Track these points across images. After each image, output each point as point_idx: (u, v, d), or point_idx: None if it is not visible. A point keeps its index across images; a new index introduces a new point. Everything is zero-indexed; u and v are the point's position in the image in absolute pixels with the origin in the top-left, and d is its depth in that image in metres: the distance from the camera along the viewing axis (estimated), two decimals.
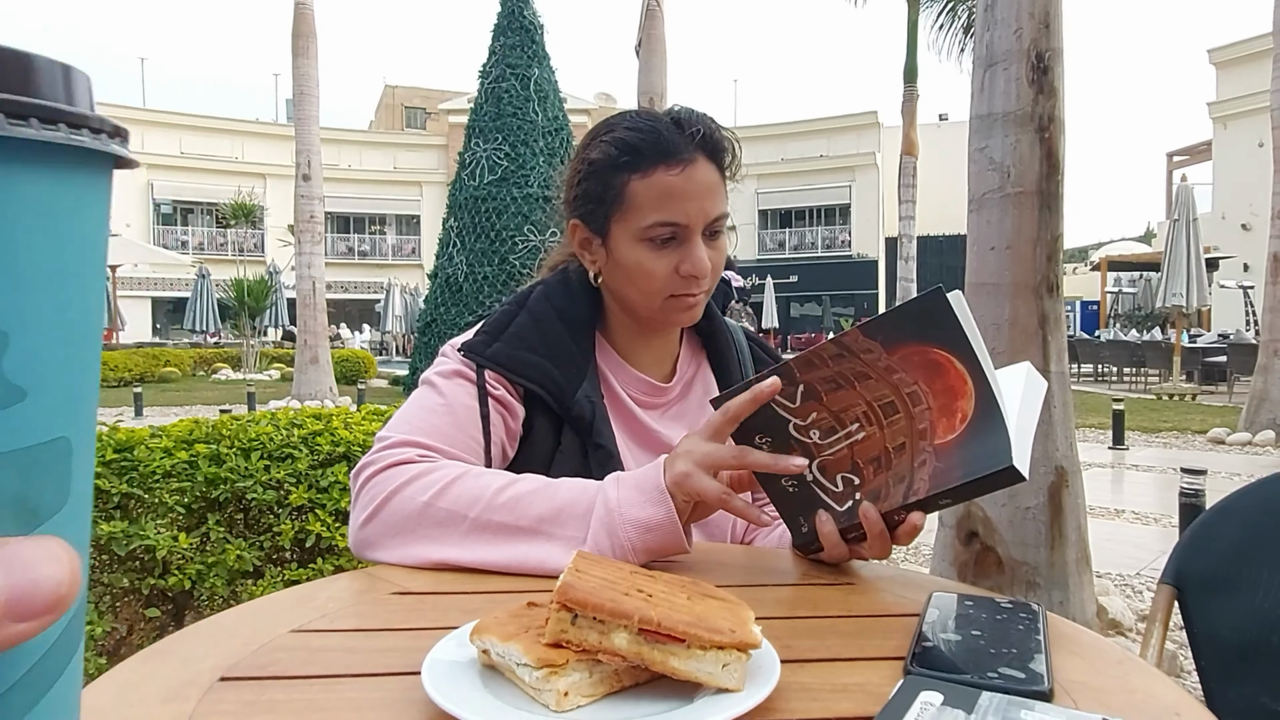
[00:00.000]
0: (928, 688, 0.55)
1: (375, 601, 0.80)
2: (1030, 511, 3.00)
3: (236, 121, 37.53)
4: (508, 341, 1.11)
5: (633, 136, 1.08)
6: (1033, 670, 0.61)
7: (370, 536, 0.93)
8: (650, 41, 9.60)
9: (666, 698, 0.56)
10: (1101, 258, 25.72)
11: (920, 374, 0.74)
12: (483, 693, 0.55)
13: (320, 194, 12.30)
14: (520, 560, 0.87)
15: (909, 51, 14.50)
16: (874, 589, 0.86)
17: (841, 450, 0.82)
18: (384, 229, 39.46)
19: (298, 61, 12.10)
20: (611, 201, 1.09)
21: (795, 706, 0.57)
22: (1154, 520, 5.39)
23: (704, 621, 0.55)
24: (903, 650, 0.66)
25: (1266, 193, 8.67)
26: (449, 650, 0.61)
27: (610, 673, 0.56)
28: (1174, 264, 12.14)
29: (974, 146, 3.17)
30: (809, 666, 0.64)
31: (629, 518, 0.87)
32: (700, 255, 1.08)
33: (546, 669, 0.54)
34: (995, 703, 0.54)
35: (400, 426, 1.03)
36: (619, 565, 0.64)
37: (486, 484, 0.92)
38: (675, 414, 1.21)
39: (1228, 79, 24.97)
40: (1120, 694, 0.61)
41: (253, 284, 20.22)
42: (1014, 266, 3.05)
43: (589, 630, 0.55)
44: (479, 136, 11.38)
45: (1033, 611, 0.73)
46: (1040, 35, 3.02)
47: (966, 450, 0.76)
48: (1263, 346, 8.64)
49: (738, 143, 1.14)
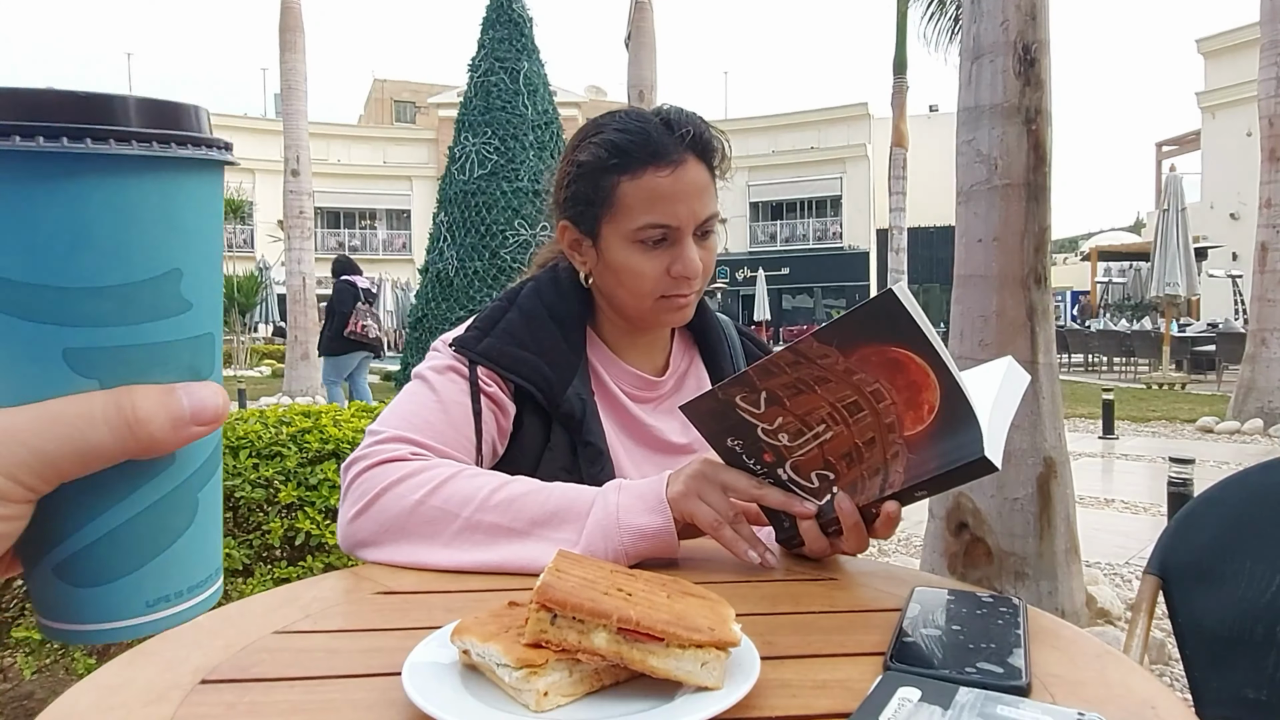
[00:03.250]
0: (906, 683, 0.56)
1: (360, 601, 0.80)
2: (1019, 502, 3.01)
3: (224, 116, 37.22)
4: (499, 337, 1.11)
5: (622, 138, 1.08)
6: (1011, 665, 0.61)
7: (359, 532, 0.93)
8: (639, 34, 9.58)
9: (646, 696, 0.56)
10: (1092, 248, 25.83)
11: (881, 373, 0.74)
12: (463, 693, 0.55)
13: (309, 189, 12.24)
14: (510, 561, 0.87)
15: (898, 43, 14.50)
16: (857, 584, 0.86)
17: (812, 450, 0.82)
18: (374, 224, 39.31)
19: (285, 56, 12.02)
20: (601, 203, 1.09)
21: (775, 704, 0.57)
22: (1143, 510, 5.42)
23: (683, 620, 0.56)
24: (884, 645, 0.66)
25: (1255, 182, 8.71)
26: (430, 651, 0.61)
27: (590, 672, 0.56)
28: (1164, 254, 12.18)
29: (961, 139, 3.18)
30: (790, 663, 0.64)
31: (627, 524, 0.88)
32: (691, 256, 1.08)
33: (526, 669, 0.54)
34: (972, 698, 0.54)
35: (392, 421, 1.03)
36: (600, 564, 0.64)
37: (479, 485, 0.92)
38: (668, 408, 1.21)
39: (1216, 69, 25.03)
40: (1098, 688, 0.61)
41: (242, 280, 20.15)
42: (1002, 258, 3.06)
43: (568, 630, 0.55)
44: (468, 130, 11.33)
45: (1013, 606, 0.73)
46: (1027, 27, 3.03)
47: (939, 442, 0.76)
48: (1251, 335, 8.70)
49: (727, 141, 1.14)
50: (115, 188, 0.33)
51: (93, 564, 0.36)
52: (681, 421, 1.20)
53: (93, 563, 0.36)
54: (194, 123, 0.35)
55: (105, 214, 0.33)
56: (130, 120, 0.33)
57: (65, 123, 0.32)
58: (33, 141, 0.31)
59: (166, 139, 0.34)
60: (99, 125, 0.33)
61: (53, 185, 0.32)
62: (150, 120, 0.34)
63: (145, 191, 0.34)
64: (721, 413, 0.84)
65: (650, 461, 1.16)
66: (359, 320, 7.77)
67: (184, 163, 0.35)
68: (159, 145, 0.34)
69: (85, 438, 0.32)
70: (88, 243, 0.33)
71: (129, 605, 0.37)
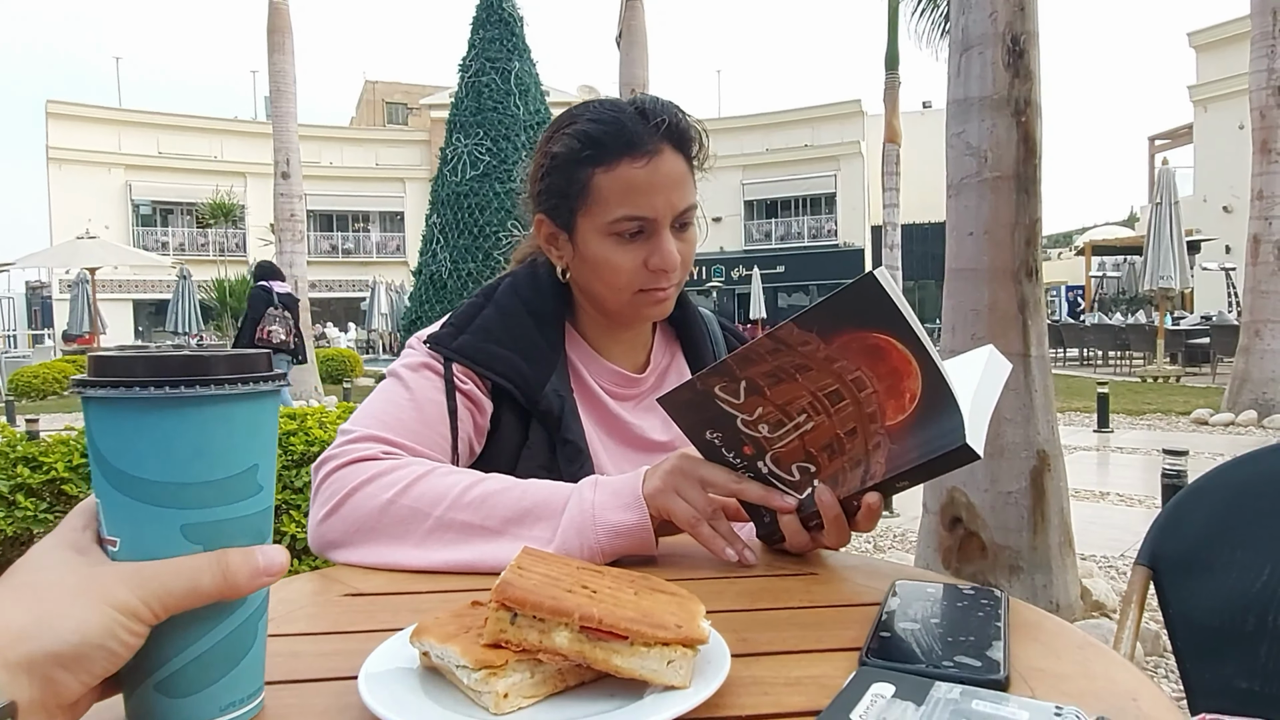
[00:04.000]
0: (880, 679, 0.54)
1: (326, 604, 0.78)
2: (1013, 496, 3.00)
3: (215, 120, 37.11)
4: (475, 334, 1.09)
5: (595, 129, 1.05)
6: (989, 658, 0.60)
7: (329, 533, 0.91)
8: (631, 33, 9.56)
9: (612, 696, 0.54)
10: (1085, 242, 25.85)
11: (862, 360, 0.73)
12: (421, 696, 0.53)
13: (301, 192, 12.21)
14: (483, 560, 0.85)
15: (890, 38, 14.50)
16: (838, 578, 0.84)
17: (793, 441, 0.80)
18: (367, 226, 39.22)
19: (274, 58, 11.98)
20: (576, 196, 1.07)
21: (744, 702, 0.56)
22: (1138, 502, 5.42)
23: (649, 617, 0.54)
24: (860, 641, 0.64)
25: (1247, 175, 8.72)
26: (391, 653, 0.59)
27: (553, 673, 0.54)
28: (1157, 247, 12.19)
29: (951, 131, 3.17)
30: (763, 660, 0.62)
31: (602, 521, 0.86)
32: (669, 249, 1.06)
33: (485, 670, 0.52)
34: (949, 693, 0.52)
35: (364, 420, 1.00)
36: (565, 561, 0.62)
37: (452, 483, 0.90)
38: (649, 405, 1.19)
39: (1208, 62, 25.07)
40: (1080, 680, 0.59)
41: (234, 284, 20.06)
42: (992, 251, 3.05)
43: (529, 629, 0.53)
44: (460, 131, 11.29)
45: (995, 598, 0.71)
46: (1015, 18, 3.01)
47: (920, 431, 0.75)
48: (1244, 328, 8.70)
49: (705, 132, 1.12)
50: (221, 414, 0.49)
51: (185, 679, 0.50)
52: (662, 419, 1.18)
53: (186, 678, 0.50)
54: (266, 365, 0.51)
55: (215, 431, 0.49)
56: (226, 369, 0.49)
57: (186, 375, 0.48)
58: (163, 389, 0.47)
59: (249, 379, 0.50)
60: (207, 375, 0.48)
61: (181, 415, 0.48)
62: (238, 368, 0.50)
63: (238, 414, 0.50)
64: (700, 404, 0.82)
65: (630, 459, 1.14)
66: (265, 326, 7.88)
67: (261, 394, 0.51)
68: (244, 385, 0.49)
69: (195, 583, 0.47)
70: (202, 452, 0.48)
71: (207, 711, 0.50)
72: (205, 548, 0.49)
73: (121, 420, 0.48)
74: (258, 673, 0.54)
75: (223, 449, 0.49)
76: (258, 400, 0.51)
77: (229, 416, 0.49)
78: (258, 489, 0.52)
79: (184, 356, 0.48)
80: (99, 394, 0.48)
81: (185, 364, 0.48)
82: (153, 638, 0.48)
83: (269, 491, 0.53)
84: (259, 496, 0.52)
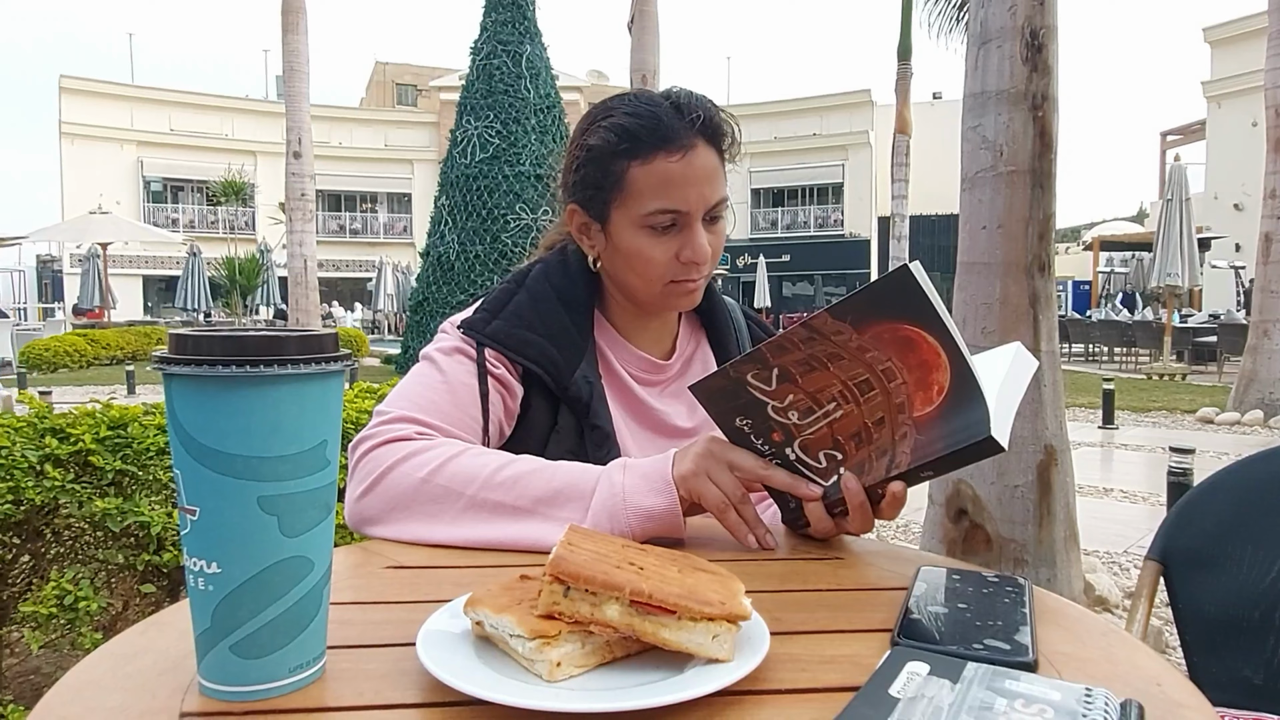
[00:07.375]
0: (914, 658, 0.56)
1: (370, 575, 0.80)
2: (1019, 489, 3.02)
3: (226, 98, 37.12)
4: (507, 320, 1.12)
5: (632, 123, 1.07)
6: (1018, 642, 0.62)
7: (366, 510, 0.94)
8: (643, 18, 9.51)
9: (658, 668, 0.57)
10: (1094, 237, 25.75)
11: (893, 350, 0.75)
12: (476, 663, 0.56)
13: (311, 172, 12.20)
14: (515, 539, 0.88)
15: (903, 29, 14.42)
16: (863, 563, 0.87)
17: (821, 429, 0.83)
18: (375, 207, 39.22)
19: (287, 37, 11.95)
20: (611, 188, 1.09)
21: (784, 677, 0.58)
22: (1142, 499, 5.44)
23: (694, 594, 0.56)
24: (890, 623, 0.67)
25: (1259, 173, 8.68)
26: (443, 622, 0.61)
27: (602, 644, 0.57)
28: (1166, 244, 12.16)
29: (967, 125, 3.17)
30: (798, 638, 0.65)
31: (633, 504, 0.88)
32: (701, 242, 1.08)
33: (540, 640, 0.54)
34: (980, 673, 0.55)
35: (399, 402, 1.03)
36: (610, 539, 0.65)
37: (485, 462, 0.93)
38: (674, 391, 1.21)
39: (1222, 57, 24.88)
40: (1104, 665, 0.62)
41: (244, 263, 20.12)
42: (1005, 245, 3.06)
43: (581, 602, 0.55)
44: (470, 114, 11.29)
45: (1019, 585, 0.74)
46: (1035, 12, 3.01)
47: (946, 422, 0.77)
48: (1253, 327, 8.69)
49: (737, 125, 1.13)
50: (295, 393, 0.52)
51: (259, 642, 0.53)
52: (688, 405, 1.20)
53: (259, 641, 0.53)
54: (335, 346, 0.54)
55: (290, 408, 0.52)
56: (299, 350, 0.52)
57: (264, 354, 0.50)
58: (244, 369, 0.50)
59: (321, 359, 0.53)
60: (283, 355, 0.51)
61: (260, 393, 0.51)
62: (311, 348, 0.53)
63: (311, 392, 0.53)
64: (732, 391, 0.84)
65: (655, 445, 1.16)
66: None
67: (329, 373, 0.54)
68: (316, 365, 0.52)
69: None
70: (278, 427, 0.52)
71: (278, 671, 0.54)
72: (279, 519, 0.52)
73: (204, 397, 0.51)
74: (321, 638, 0.57)
75: (296, 425, 0.52)
76: (326, 379, 0.54)
77: (302, 395, 0.52)
78: (326, 463, 0.54)
79: (261, 337, 0.51)
80: (183, 371, 0.50)
81: (262, 344, 0.51)
82: (229, 603, 0.52)
83: (335, 466, 0.56)
84: (327, 470, 0.55)
